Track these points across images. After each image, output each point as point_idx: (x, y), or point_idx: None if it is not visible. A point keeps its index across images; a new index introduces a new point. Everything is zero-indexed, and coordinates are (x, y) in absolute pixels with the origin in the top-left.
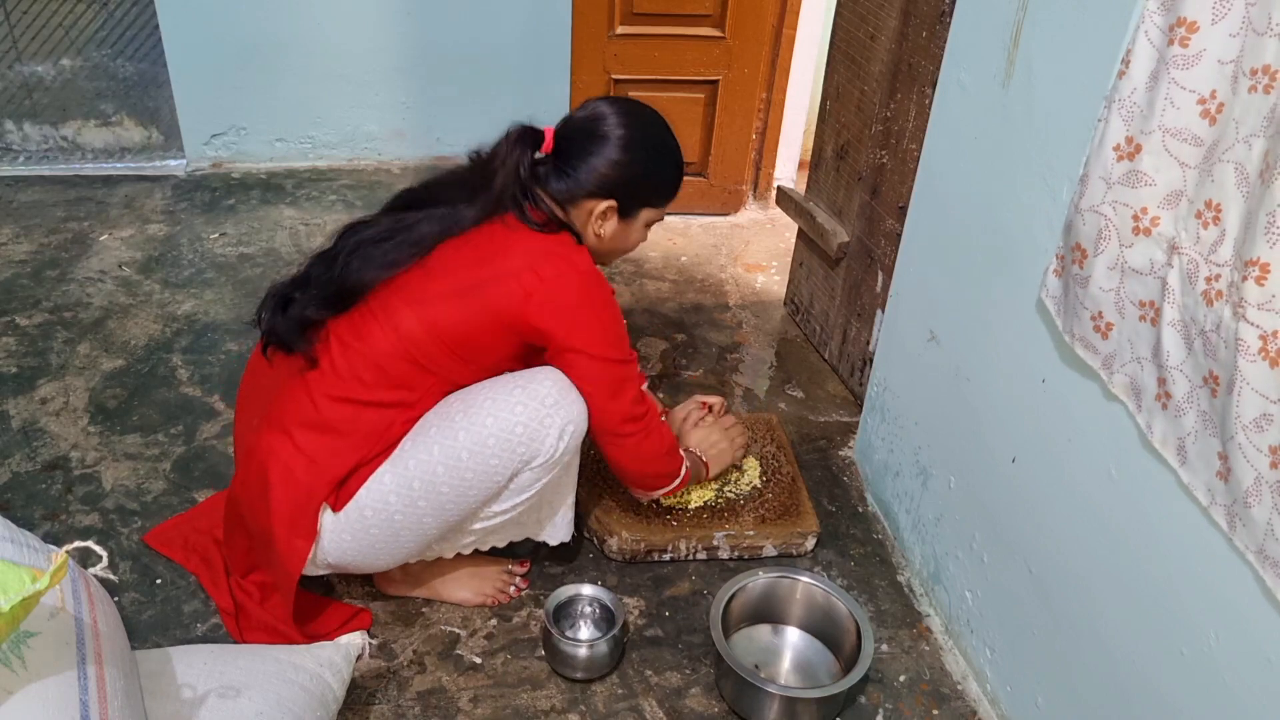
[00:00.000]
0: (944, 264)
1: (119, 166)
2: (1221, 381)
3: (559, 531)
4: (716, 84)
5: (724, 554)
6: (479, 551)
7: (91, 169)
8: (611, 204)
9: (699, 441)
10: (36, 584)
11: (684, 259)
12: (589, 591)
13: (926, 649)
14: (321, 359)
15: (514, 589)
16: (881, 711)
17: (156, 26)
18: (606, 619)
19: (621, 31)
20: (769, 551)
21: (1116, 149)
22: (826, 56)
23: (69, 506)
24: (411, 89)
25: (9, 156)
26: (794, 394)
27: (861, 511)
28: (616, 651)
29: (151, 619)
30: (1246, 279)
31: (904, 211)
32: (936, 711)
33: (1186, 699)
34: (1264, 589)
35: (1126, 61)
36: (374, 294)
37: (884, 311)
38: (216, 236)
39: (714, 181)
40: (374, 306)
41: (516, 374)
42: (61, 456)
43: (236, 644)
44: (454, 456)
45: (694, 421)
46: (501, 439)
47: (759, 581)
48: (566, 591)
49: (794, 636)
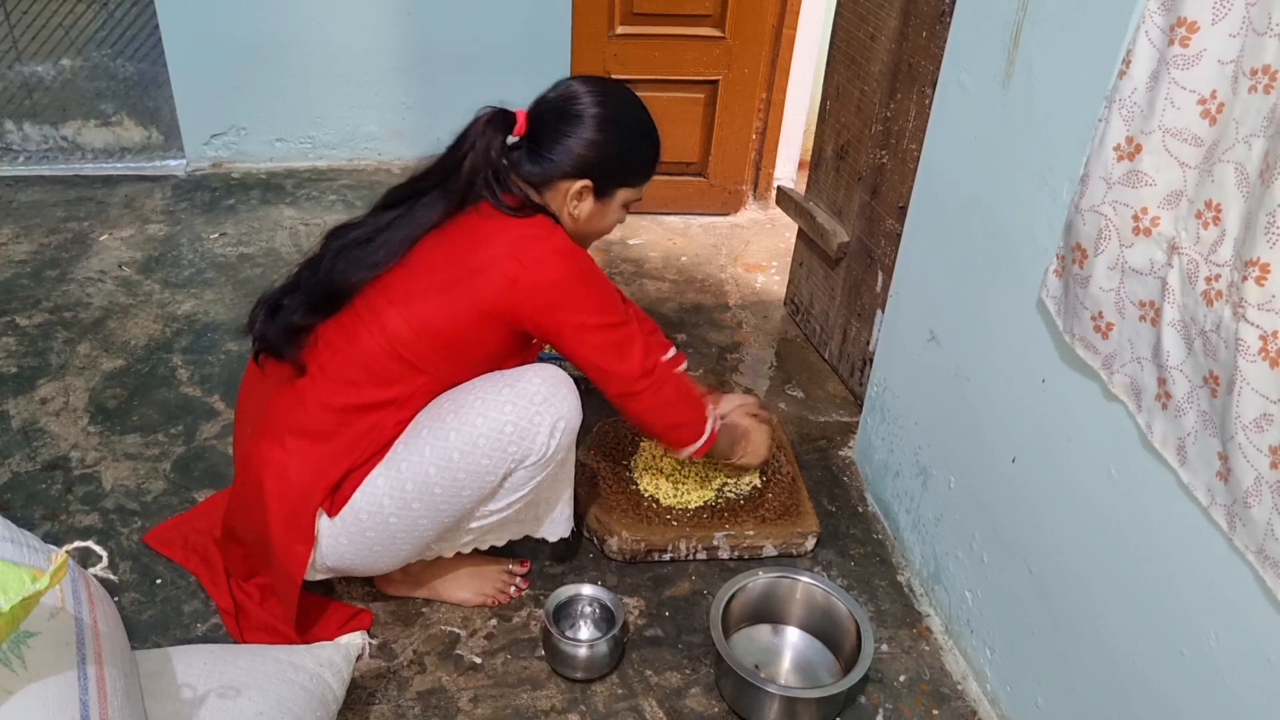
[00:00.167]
0: (944, 264)
1: (119, 166)
2: (1221, 381)
3: (558, 527)
4: (716, 84)
5: (724, 554)
6: (479, 551)
7: (91, 169)
8: (586, 184)
9: (748, 426)
10: (36, 584)
11: (684, 259)
12: (589, 591)
13: (926, 649)
14: (311, 364)
15: (514, 589)
16: (881, 711)
17: (156, 26)
18: (606, 619)
19: (621, 31)
20: (769, 551)
21: (1117, 149)
22: (826, 56)
23: (69, 506)
24: (411, 89)
25: (9, 156)
26: (794, 394)
27: (861, 511)
28: (616, 651)
29: (151, 619)
30: (1246, 279)
31: (904, 211)
32: (936, 711)
33: (1186, 699)
34: (1264, 589)
35: (1127, 61)
36: (360, 295)
37: (884, 311)
38: (216, 236)
39: (714, 181)
40: (360, 308)
41: (506, 372)
42: (61, 456)
43: (236, 644)
44: (446, 457)
45: (749, 411)
46: (492, 438)
47: (759, 581)
48: (566, 591)
49: (794, 636)
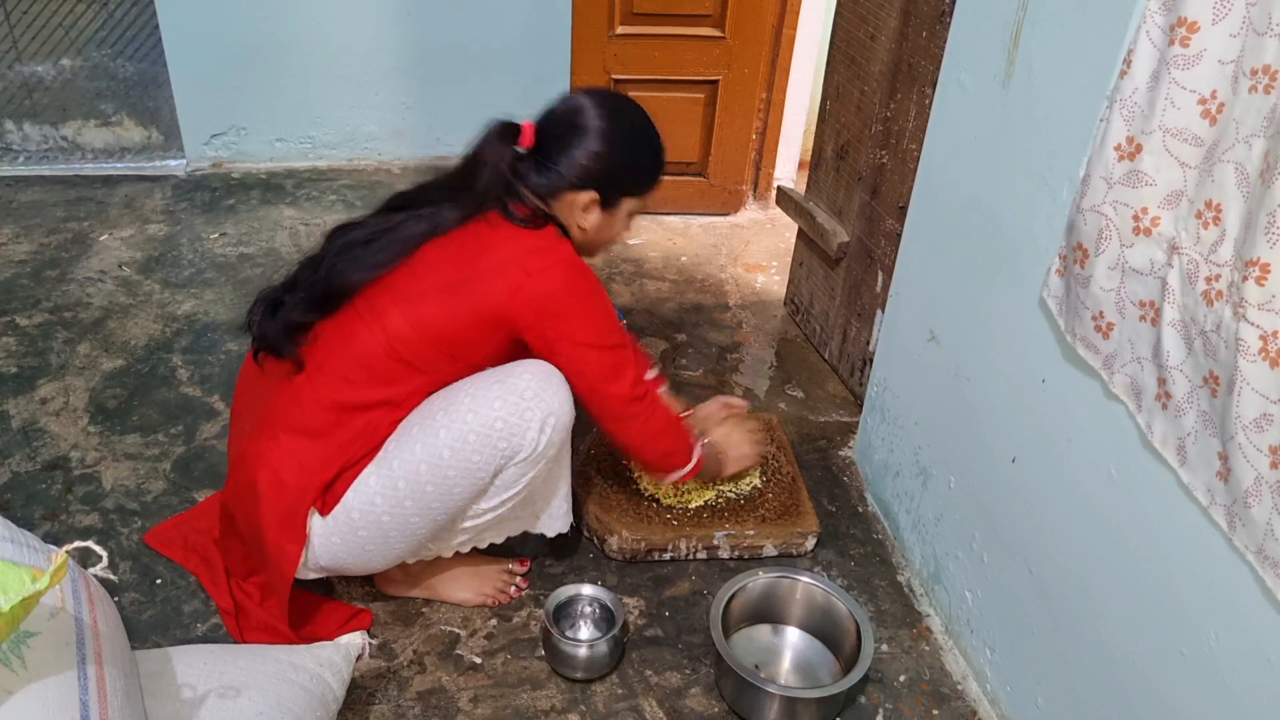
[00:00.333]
0: (944, 264)
1: (119, 166)
2: (1221, 381)
3: (556, 523)
4: (716, 84)
5: (724, 554)
6: (478, 551)
7: (91, 169)
8: (593, 196)
9: (721, 437)
10: (36, 584)
11: (684, 259)
12: (589, 591)
13: (926, 649)
14: (308, 362)
15: (514, 589)
16: (881, 711)
17: (156, 26)
18: (606, 619)
19: (621, 31)
20: (769, 551)
21: (1118, 149)
22: (826, 56)
23: (69, 506)
24: (411, 89)
25: (9, 156)
26: (794, 394)
27: (861, 511)
28: (616, 651)
29: (151, 619)
30: (1246, 279)
31: (904, 211)
32: (936, 711)
33: (1186, 699)
34: (1264, 589)
35: (1128, 61)
36: (360, 295)
37: (884, 311)
38: (216, 236)
39: (714, 181)
40: (360, 307)
41: (497, 369)
42: (61, 456)
43: (236, 644)
44: (436, 455)
45: (717, 420)
46: (482, 435)
47: (759, 581)
48: (566, 591)
49: (794, 636)
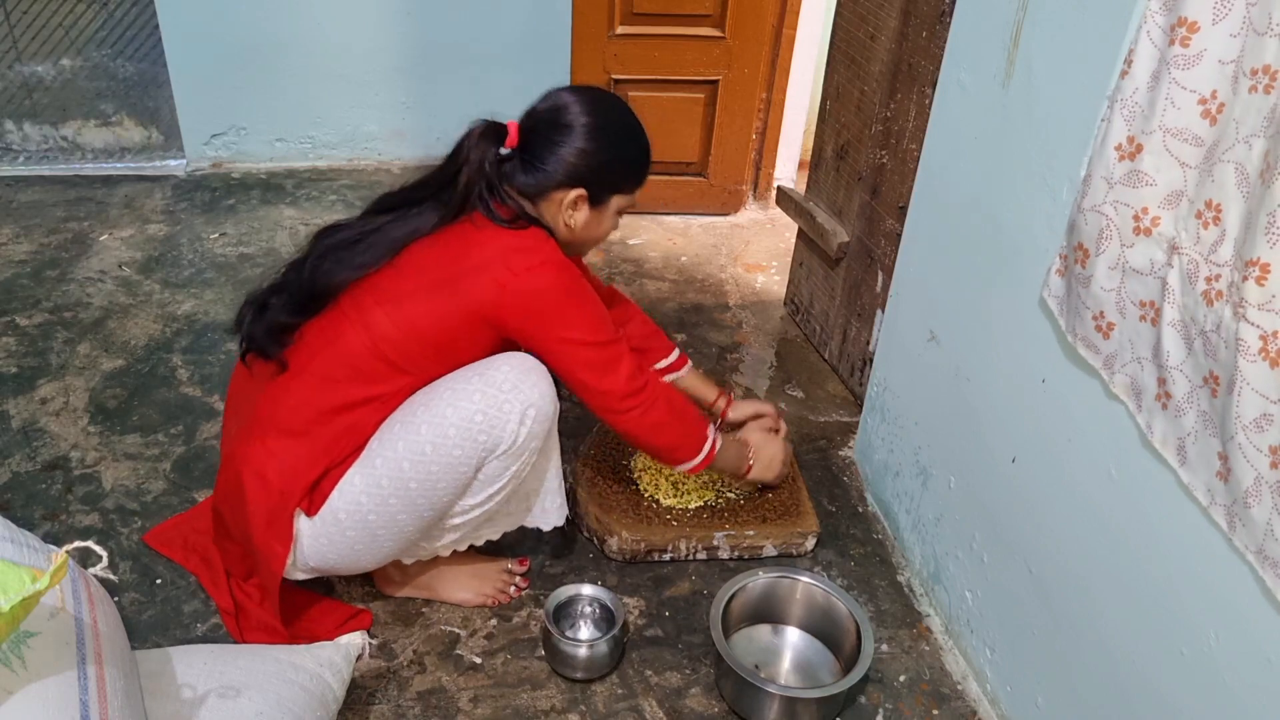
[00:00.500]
0: (944, 264)
1: (119, 166)
2: (1221, 382)
3: (550, 516)
4: (716, 84)
5: (724, 554)
6: (477, 551)
7: (91, 169)
8: (581, 193)
9: (758, 442)
10: (36, 584)
11: (684, 259)
12: (589, 591)
13: (926, 649)
14: (293, 363)
15: (514, 589)
16: (881, 711)
17: (156, 26)
18: (606, 619)
19: (621, 31)
20: (769, 551)
21: (1118, 149)
22: (826, 56)
23: (69, 506)
24: (411, 89)
25: (9, 156)
26: (794, 394)
27: (861, 511)
28: (616, 651)
29: (151, 619)
30: (1246, 279)
31: (904, 211)
32: (936, 711)
33: (1186, 699)
34: (1264, 589)
35: (1129, 61)
36: (345, 295)
37: (884, 311)
38: (216, 236)
39: (714, 181)
40: (345, 307)
41: (476, 363)
42: (61, 456)
43: (236, 644)
44: (418, 451)
45: (765, 427)
46: (462, 428)
47: (759, 581)
48: (566, 591)
49: (794, 636)
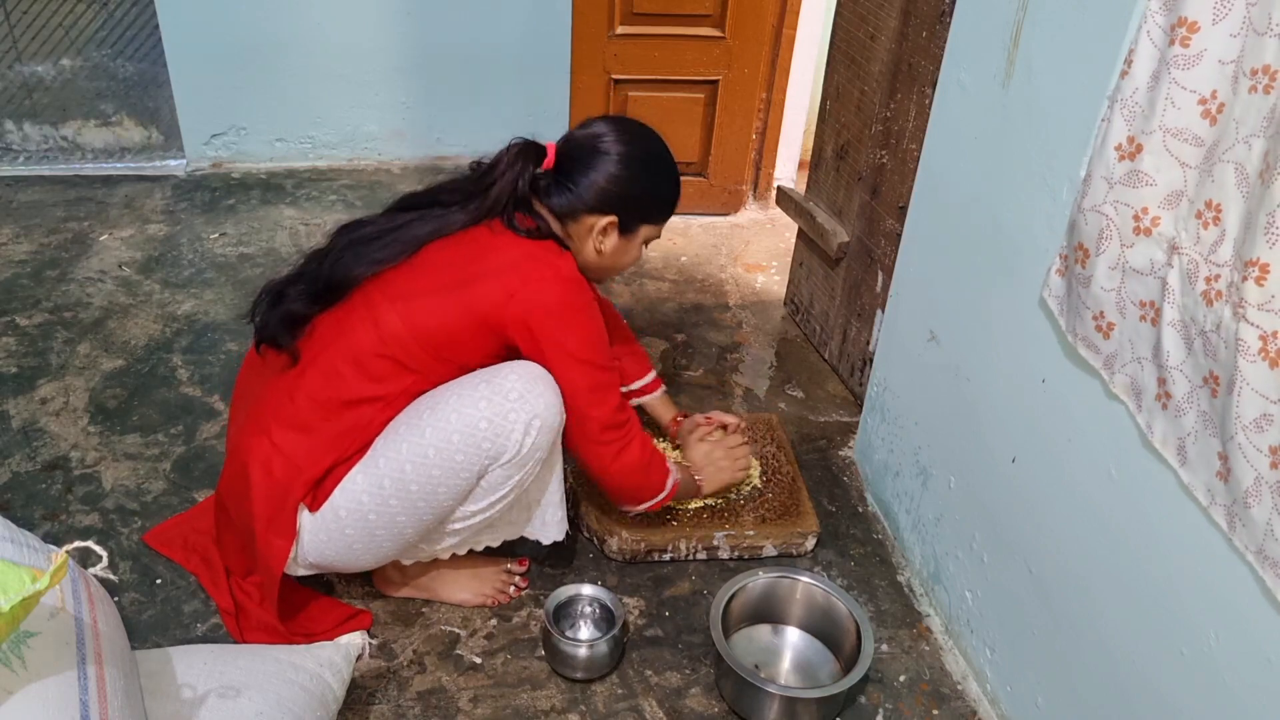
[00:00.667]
0: (944, 264)
1: (119, 166)
2: (1221, 382)
3: (550, 531)
4: (716, 84)
5: (724, 554)
6: (476, 552)
7: (91, 169)
8: (612, 219)
9: (699, 457)
10: (36, 584)
11: (684, 259)
12: (589, 591)
13: (926, 649)
14: (303, 356)
15: (513, 589)
16: (881, 711)
17: (156, 26)
18: (606, 619)
19: (621, 31)
20: (769, 551)
21: (1118, 149)
22: (826, 56)
23: (69, 506)
24: (411, 89)
25: (9, 156)
26: (794, 394)
27: (861, 511)
28: (616, 651)
29: (151, 619)
30: (1246, 279)
31: (904, 211)
32: (936, 711)
33: (1186, 699)
34: (1264, 589)
35: (1129, 61)
36: (359, 290)
37: (884, 311)
38: (216, 236)
39: (714, 181)
40: (357, 302)
41: (484, 370)
42: (61, 456)
43: (236, 644)
44: (421, 454)
45: (700, 435)
46: (466, 435)
47: (759, 581)
48: (566, 591)
49: (794, 636)
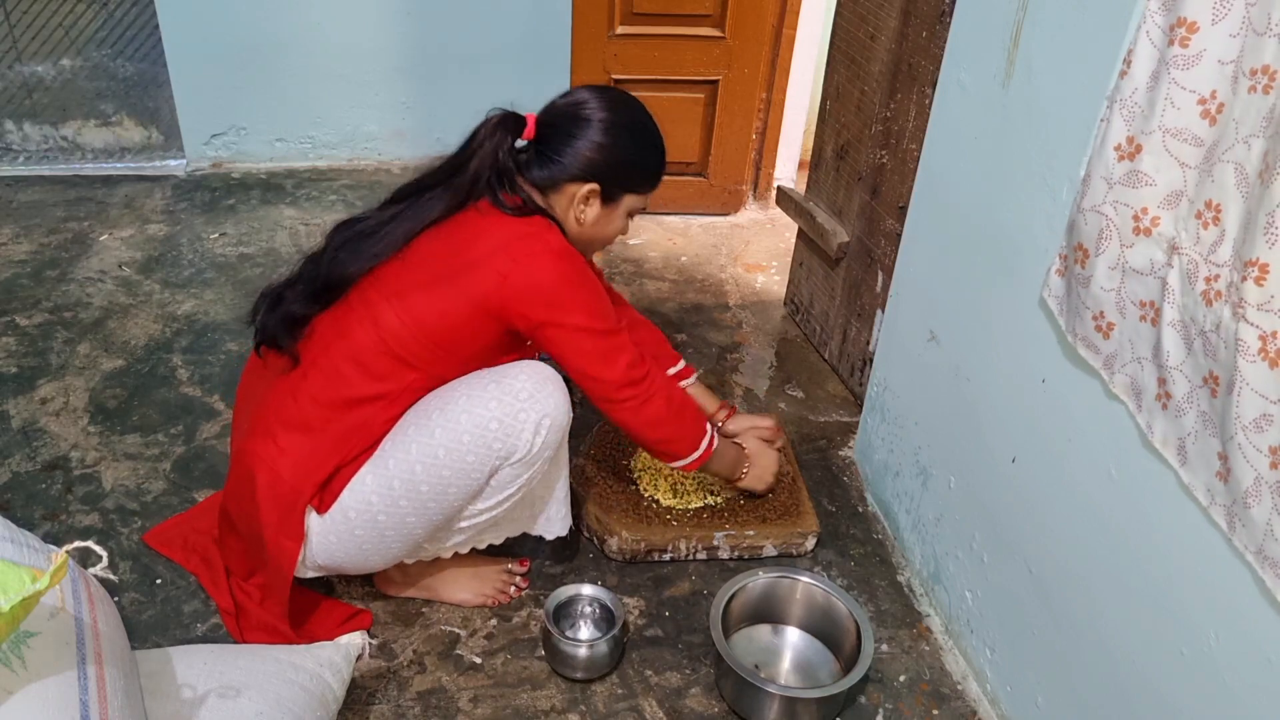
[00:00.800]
0: (944, 264)
1: (119, 166)
2: (1221, 382)
3: (555, 525)
4: (716, 84)
5: (724, 554)
6: (478, 551)
7: (91, 169)
8: (594, 187)
9: (755, 451)
10: (36, 584)
11: (684, 259)
12: (589, 591)
13: (926, 649)
14: (304, 357)
15: (514, 589)
16: (881, 711)
17: (156, 26)
18: (606, 619)
19: (621, 31)
20: (769, 551)
21: (1118, 149)
22: (826, 56)
23: (69, 506)
24: (411, 89)
25: (9, 156)
26: (794, 394)
27: (861, 511)
28: (616, 651)
29: (151, 619)
30: (1246, 279)
31: (904, 211)
32: (936, 711)
33: (1186, 699)
34: (1264, 589)
35: (1128, 61)
36: (356, 288)
37: (884, 311)
38: (216, 236)
39: (714, 181)
40: (354, 301)
41: (493, 370)
42: (61, 456)
43: (236, 644)
44: (431, 455)
45: (761, 436)
46: (476, 435)
47: (759, 581)
48: (566, 591)
49: (794, 636)
